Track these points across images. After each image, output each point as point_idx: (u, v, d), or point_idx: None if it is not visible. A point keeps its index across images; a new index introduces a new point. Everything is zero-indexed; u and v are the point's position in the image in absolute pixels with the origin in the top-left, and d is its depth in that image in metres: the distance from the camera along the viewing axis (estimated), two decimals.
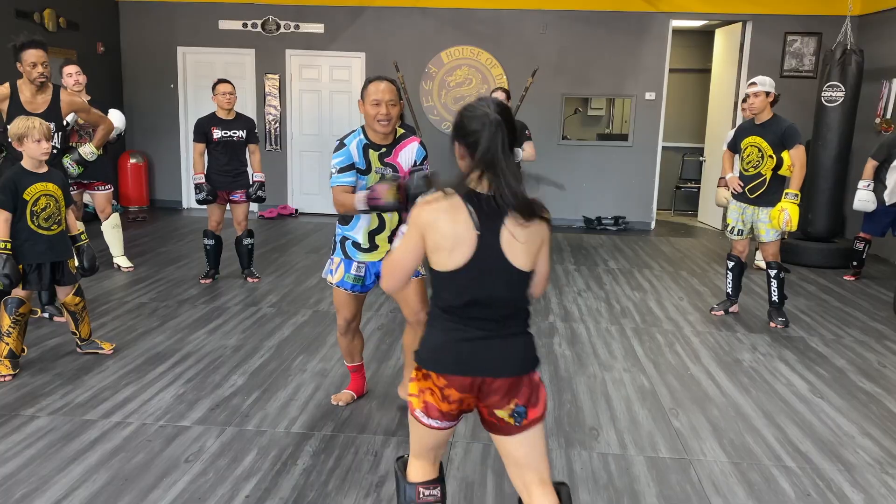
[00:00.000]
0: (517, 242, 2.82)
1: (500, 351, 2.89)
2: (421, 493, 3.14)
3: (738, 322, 7.57)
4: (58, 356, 6.05)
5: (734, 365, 6.32)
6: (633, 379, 5.94)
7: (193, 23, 13.39)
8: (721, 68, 13.58)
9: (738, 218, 7.53)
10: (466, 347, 2.87)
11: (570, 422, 5.09)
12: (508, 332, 2.92)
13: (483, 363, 2.87)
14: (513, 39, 13.01)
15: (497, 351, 2.88)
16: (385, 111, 4.47)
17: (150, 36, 13.49)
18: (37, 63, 6.60)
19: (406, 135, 4.74)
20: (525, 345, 2.98)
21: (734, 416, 5.28)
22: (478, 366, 2.87)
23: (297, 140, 13.73)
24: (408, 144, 4.68)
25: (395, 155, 4.62)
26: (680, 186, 15.70)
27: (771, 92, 7.15)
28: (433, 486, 3.17)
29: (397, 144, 4.65)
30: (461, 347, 2.87)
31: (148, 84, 13.61)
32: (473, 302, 2.85)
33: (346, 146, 4.55)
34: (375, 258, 4.73)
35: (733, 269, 7.75)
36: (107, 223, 8.79)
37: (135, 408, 5.10)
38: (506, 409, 2.91)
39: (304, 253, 10.25)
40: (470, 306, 2.86)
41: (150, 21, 13.49)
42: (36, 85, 6.69)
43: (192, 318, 7.18)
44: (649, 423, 5.13)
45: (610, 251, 11.21)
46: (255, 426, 4.87)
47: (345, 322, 5.03)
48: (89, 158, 7.30)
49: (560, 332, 7.07)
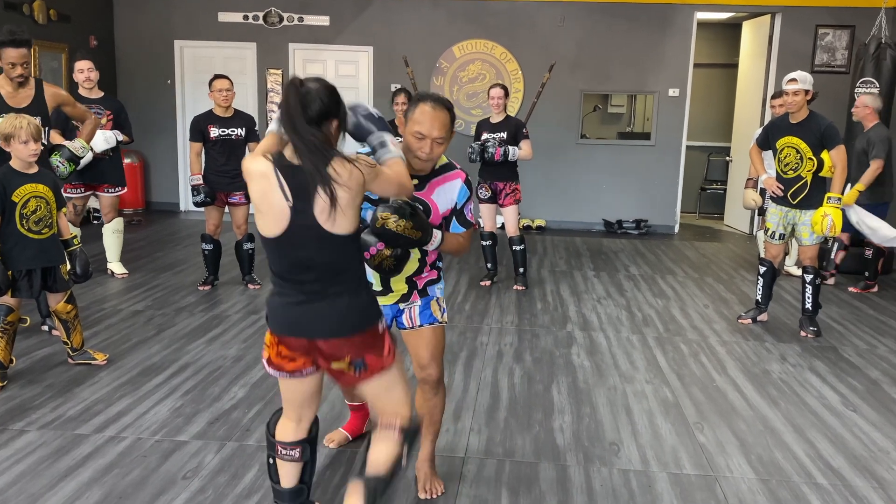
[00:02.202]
0: (334, 209, 3.06)
1: (324, 313, 3.20)
2: (279, 451, 3.60)
3: (767, 331, 7.56)
4: (48, 367, 6.06)
5: (762, 376, 6.32)
6: (656, 391, 5.94)
7: (191, 15, 13.42)
8: (748, 63, 13.57)
9: (779, 222, 7.50)
10: (293, 311, 3.23)
11: (590, 436, 5.09)
12: (332, 292, 3.20)
13: (308, 324, 3.22)
14: (529, 32, 13.01)
15: (320, 313, 3.20)
16: (429, 149, 3.73)
17: (146, 29, 13.52)
18: (16, 63, 6.44)
19: (449, 166, 3.98)
20: (350, 305, 3.24)
21: (762, 430, 5.28)
22: (305, 327, 3.23)
23: None
24: (449, 181, 3.93)
25: (430, 190, 3.88)
26: (705, 188, 15.68)
27: (810, 90, 7.13)
28: (292, 447, 3.58)
29: (435, 177, 3.90)
30: (288, 311, 3.24)
31: (143, 80, 13.63)
32: (294, 266, 3.18)
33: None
34: (387, 302, 4.03)
35: (765, 275, 7.73)
36: (108, 226, 8.84)
37: (129, 422, 5.11)
38: (342, 362, 3.26)
39: None
40: (291, 271, 3.20)
41: (145, 13, 13.51)
42: (15, 84, 6.65)
43: (189, 326, 7.20)
44: (673, 437, 5.12)
45: (631, 256, 11.21)
46: (256, 441, 4.88)
47: None
48: (80, 154, 7.05)
49: (579, 342, 7.08)
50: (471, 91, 13.14)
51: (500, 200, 8.98)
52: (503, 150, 8.63)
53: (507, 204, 8.94)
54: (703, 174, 15.73)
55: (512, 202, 8.93)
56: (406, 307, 4.07)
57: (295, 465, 3.61)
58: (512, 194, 8.91)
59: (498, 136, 8.81)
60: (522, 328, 7.44)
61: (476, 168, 8.91)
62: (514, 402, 5.62)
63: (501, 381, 6.03)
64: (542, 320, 7.72)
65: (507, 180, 8.90)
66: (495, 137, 8.80)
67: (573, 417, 5.38)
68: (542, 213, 13.29)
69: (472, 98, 13.14)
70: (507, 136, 8.80)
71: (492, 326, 7.46)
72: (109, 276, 8.89)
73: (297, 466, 3.62)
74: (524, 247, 9.12)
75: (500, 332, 7.26)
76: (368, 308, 3.31)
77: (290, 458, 3.58)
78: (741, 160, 12.73)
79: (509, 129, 8.86)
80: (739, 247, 12.20)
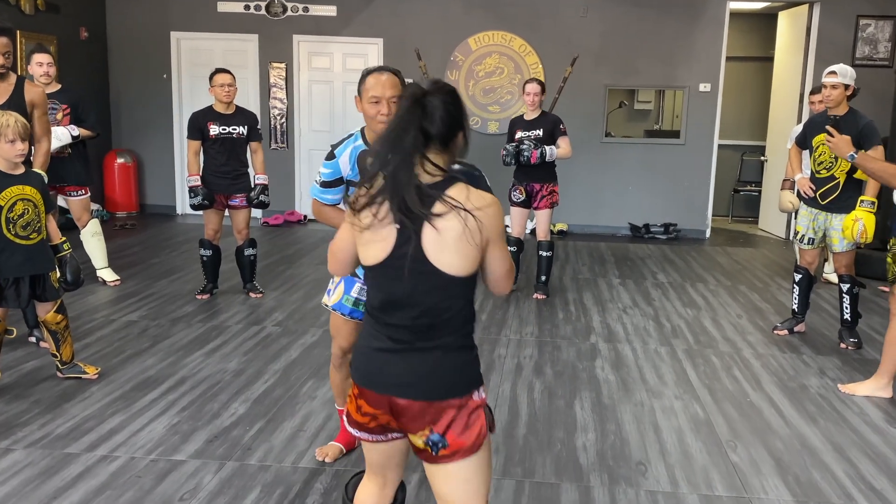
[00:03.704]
0: (444, 240, 2.79)
1: (412, 367, 2.88)
2: None
3: (805, 343, 7.54)
4: (36, 381, 6.08)
5: (800, 391, 6.30)
6: (686, 407, 5.93)
7: (189, 5, 13.46)
8: (785, 56, 13.55)
9: (809, 225, 7.49)
10: (378, 358, 2.92)
11: (615, 455, 5.08)
12: (428, 345, 2.88)
13: (391, 379, 2.89)
14: (550, 23, 13.02)
15: (407, 366, 2.88)
16: (387, 110, 4.11)
17: (141, 20, 13.56)
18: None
19: None
20: (449, 362, 2.91)
21: (799, 448, 5.26)
22: (385, 381, 2.90)
23: (305, 137, 13.81)
24: None
25: None
26: (738, 189, 15.67)
27: (850, 84, 7.11)
28: None
29: None
30: (373, 357, 2.93)
31: (137, 74, 13.69)
32: (389, 303, 2.89)
33: (336, 158, 4.36)
34: None
35: (801, 283, 7.72)
36: (85, 231, 8.74)
37: (123, 440, 5.12)
38: (419, 435, 2.90)
39: (314, 265, 10.28)
40: (385, 309, 2.90)
41: (140, 3, 13.55)
42: None
43: (187, 338, 7.21)
44: (704, 456, 5.11)
45: (659, 262, 11.21)
46: (258, 460, 4.89)
47: (340, 351, 4.73)
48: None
49: (603, 355, 7.07)
50: (487, 86, 13.16)
51: (535, 203, 8.91)
52: (540, 152, 8.57)
53: (542, 207, 8.88)
54: (737, 175, 15.72)
55: (547, 205, 8.88)
56: None
57: None
58: (548, 196, 8.86)
59: (533, 133, 8.75)
60: (543, 340, 7.44)
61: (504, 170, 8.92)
62: (533, 418, 5.62)
63: (520, 396, 6.03)
64: (564, 331, 7.72)
65: (545, 182, 8.84)
66: (530, 136, 8.75)
67: (597, 435, 5.37)
68: (564, 217, 13.25)
69: (489, 94, 13.15)
70: (544, 134, 8.73)
71: (510, 338, 7.46)
72: (101, 283, 8.89)
73: None
74: (552, 254, 9.08)
75: (519, 344, 7.26)
76: (465, 370, 2.96)
77: None
78: (777, 160, 12.72)
79: (545, 126, 8.78)
80: (775, 253, 12.18)
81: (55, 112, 8.12)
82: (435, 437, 2.85)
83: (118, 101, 13.62)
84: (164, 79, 13.72)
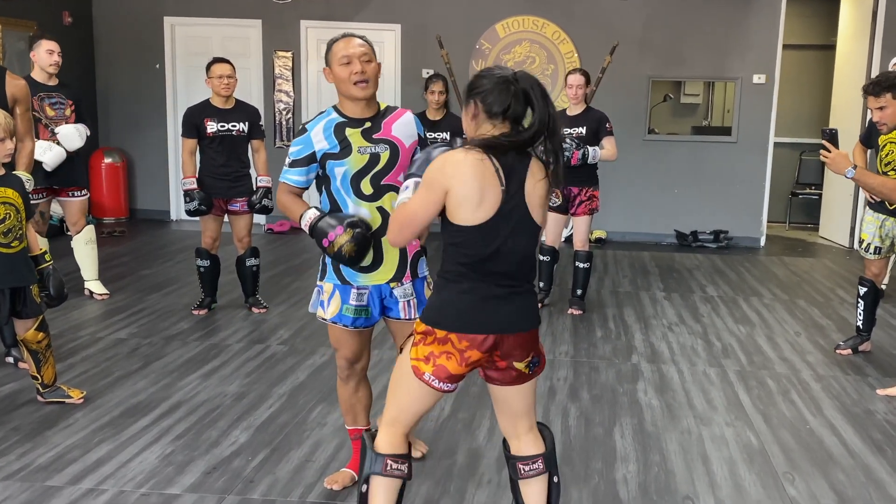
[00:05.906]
0: (536, 196, 3.60)
1: (520, 306, 3.66)
2: (389, 466, 3.74)
3: (870, 363, 7.52)
4: (14, 406, 6.11)
5: (865, 417, 6.28)
6: (738, 435, 5.91)
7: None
8: (848, 44, 13.53)
9: (875, 232, 7.45)
10: (490, 305, 3.60)
11: (658, 489, 5.08)
12: (525, 287, 3.70)
13: (506, 319, 3.61)
14: (586, 8, 13.05)
15: (517, 306, 3.65)
16: (359, 68, 4.45)
17: (130, 3, 13.64)
18: None
19: (393, 107, 4.78)
20: (533, 298, 3.78)
21: (864, 481, 5.24)
22: (502, 322, 3.60)
23: None
24: (400, 115, 4.69)
25: (387, 129, 4.54)
26: (797, 193, 15.65)
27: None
28: (402, 461, 3.78)
29: (385, 117, 4.61)
30: (486, 305, 3.60)
31: (127, 64, 13.76)
32: (497, 253, 3.55)
33: (308, 131, 4.48)
34: (383, 278, 4.51)
35: (866, 297, 7.69)
36: (79, 238, 8.82)
37: (110, 471, 5.13)
38: (524, 361, 3.68)
39: None
40: (494, 259, 3.56)
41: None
42: None
43: (182, 358, 7.24)
44: (758, 490, 5.10)
45: (708, 274, 11.20)
46: (261, 494, 4.90)
47: (346, 362, 4.77)
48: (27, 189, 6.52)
49: (646, 377, 7.07)
50: None
51: (573, 209, 8.84)
52: (582, 153, 8.50)
53: (581, 213, 8.82)
54: (795, 177, 15.69)
55: (586, 211, 8.82)
56: (400, 294, 4.60)
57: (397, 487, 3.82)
58: (588, 202, 8.79)
59: (575, 131, 8.68)
60: (579, 360, 7.44)
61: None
62: (568, 447, 5.61)
63: (554, 423, 6.02)
64: (603, 351, 7.72)
65: (585, 185, 8.75)
66: (572, 134, 8.67)
67: (639, 466, 5.37)
68: (602, 224, 13.22)
69: None
70: (587, 133, 8.67)
71: None
72: (87, 297, 8.94)
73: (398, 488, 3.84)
74: (590, 265, 9.03)
75: (551, 365, 7.24)
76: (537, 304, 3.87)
77: (400, 474, 3.78)
78: None
79: (589, 123, 8.73)
80: (837, 263, 12.16)
81: (63, 108, 8.22)
82: (535, 359, 3.72)
83: (106, 94, 13.68)
84: (157, 69, 13.76)
